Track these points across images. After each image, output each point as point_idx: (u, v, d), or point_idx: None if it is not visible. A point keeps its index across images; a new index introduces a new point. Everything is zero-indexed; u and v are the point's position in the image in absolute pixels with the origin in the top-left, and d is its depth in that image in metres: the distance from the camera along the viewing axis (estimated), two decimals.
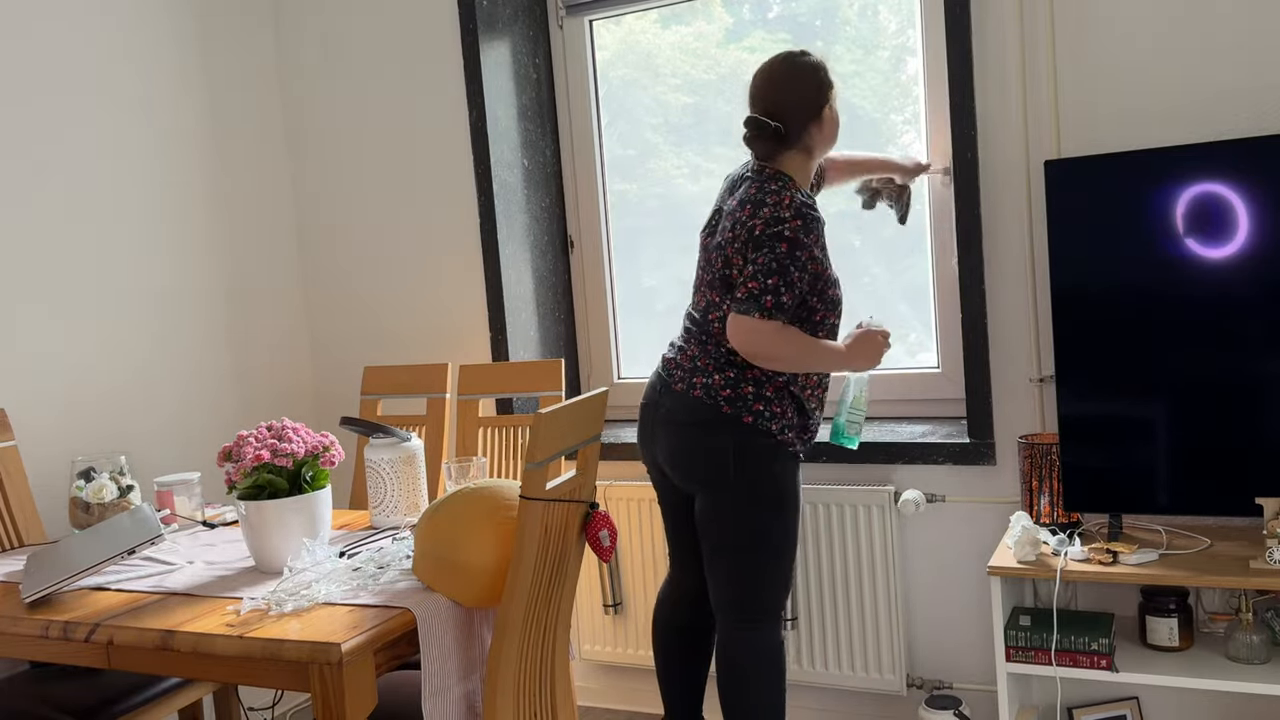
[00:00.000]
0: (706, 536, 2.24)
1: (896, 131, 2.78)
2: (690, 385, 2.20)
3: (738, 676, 2.24)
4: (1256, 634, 2.13)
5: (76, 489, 2.32)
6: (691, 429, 2.20)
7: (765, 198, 2.14)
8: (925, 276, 2.77)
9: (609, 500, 2.92)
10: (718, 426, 2.17)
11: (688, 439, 2.20)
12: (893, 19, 2.76)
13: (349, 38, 3.21)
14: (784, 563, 2.23)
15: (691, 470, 2.22)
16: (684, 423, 2.21)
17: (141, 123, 2.87)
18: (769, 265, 2.09)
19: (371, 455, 2.18)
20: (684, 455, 2.22)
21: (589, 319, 3.19)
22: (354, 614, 1.68)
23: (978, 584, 2.62)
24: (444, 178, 3.12)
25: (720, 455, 2.16)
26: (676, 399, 2.22)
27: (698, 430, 2.19)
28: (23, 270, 2.57)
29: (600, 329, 3.18)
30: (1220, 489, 2.18)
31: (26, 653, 1.86)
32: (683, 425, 2.21)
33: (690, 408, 2.20)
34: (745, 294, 2.10)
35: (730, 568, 2.22)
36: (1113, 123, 2.37)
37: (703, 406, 2.18)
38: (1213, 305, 2.14)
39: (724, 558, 2.22)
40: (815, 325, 2.20)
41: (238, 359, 3.14)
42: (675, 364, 2.26)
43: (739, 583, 2.23)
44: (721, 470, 2.17)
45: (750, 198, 2.17)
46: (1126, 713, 2.44)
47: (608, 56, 3.09)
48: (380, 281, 3.26)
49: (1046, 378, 2.49)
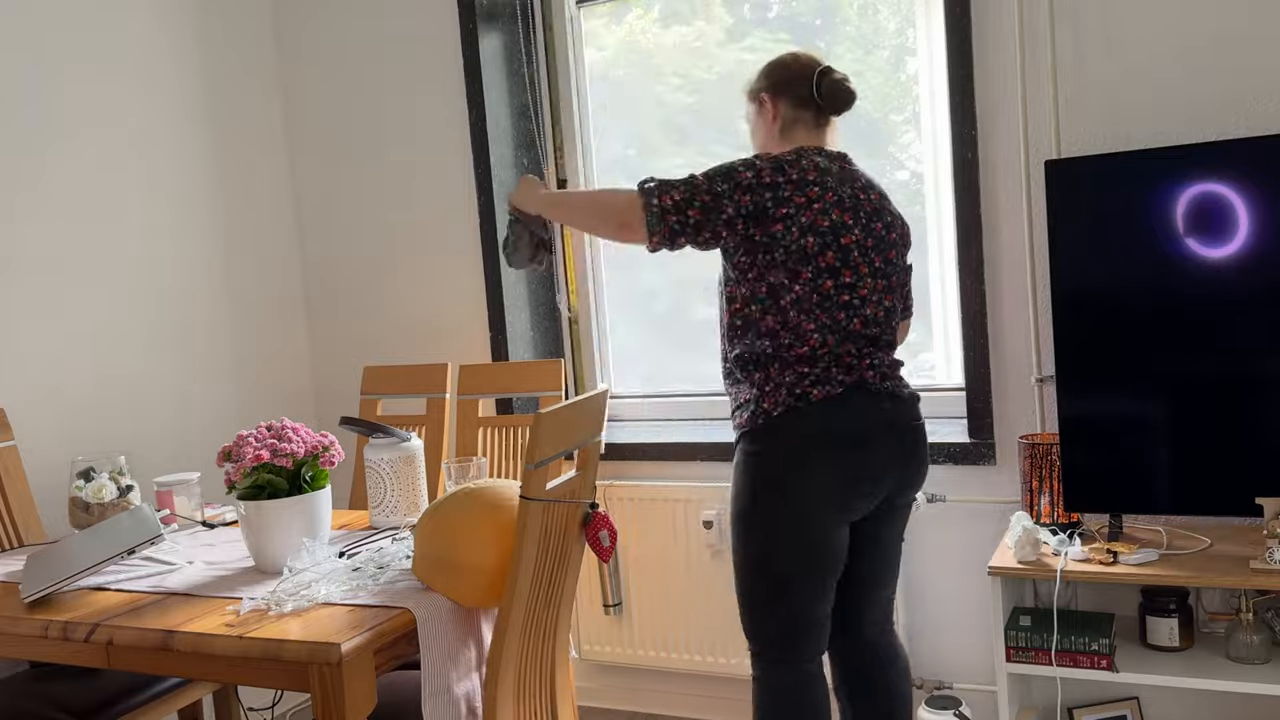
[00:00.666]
0: (896, 553, 2.14)
1: (896, 131, 2.78)
2: (908, 387, 2.06)
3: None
4: (1257, 634, 2.13)
5: (76, 489, 2.32)
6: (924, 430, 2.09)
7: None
8: (925, 276, 2.77)
9: (609, 500, 2.92)
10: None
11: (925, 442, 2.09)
12: (893, 18, 2.76)
13: (349, 38, 3.21)
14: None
15: (921, 476, 2.10)
16: (923, 426, 2.08)
17: (141, 123, 2.87)
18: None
19: (371, 455, 2.18)
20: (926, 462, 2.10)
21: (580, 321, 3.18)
22: (354, 614, 1.68)
23: (978, 584, 2.62)
24: (444, 177, 3.12)
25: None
26: (914, 405, 2.05)
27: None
28: (23, 270, 2.57)
29: (592, 332, 3.18)
30: (1220, 489, 2.18)
31: (26, 653, 1.86)
32: (923, 428, 2.08)
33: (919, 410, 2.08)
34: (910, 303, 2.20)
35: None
36: (1113, 123, 2.37)
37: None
38: (1213, 305, 2.14)
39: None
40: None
41: (238, 359, 3.14)
42: (890, 370, 2.03)
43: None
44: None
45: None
46: (1126, 713, 2.44)
47: (608, 56, 3.09)
48: (380, 281, 3.26)
49: (1046, 378, 2.49)
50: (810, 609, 1.99)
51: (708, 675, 2.93)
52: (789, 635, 1.99)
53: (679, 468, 2.91)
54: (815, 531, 1.94)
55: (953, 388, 2.75)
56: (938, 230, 2.74)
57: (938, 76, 2.69)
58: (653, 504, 2.86)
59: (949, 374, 2.78)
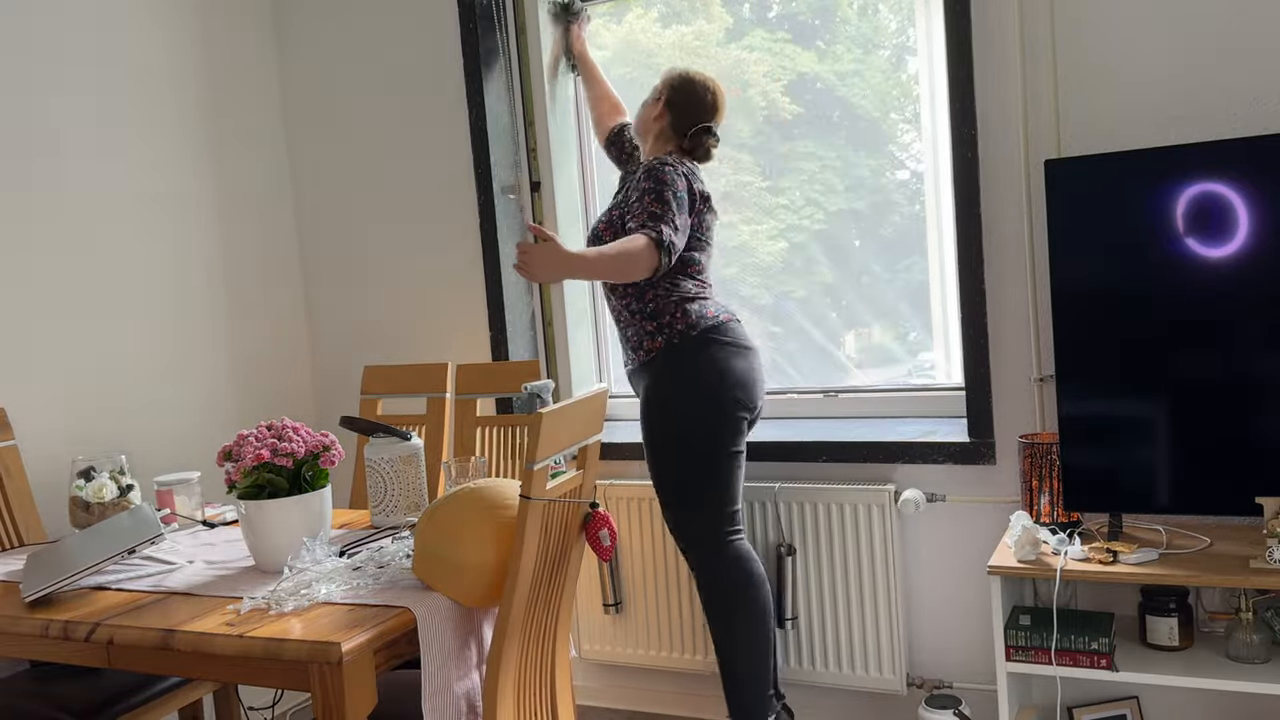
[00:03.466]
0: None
1: (896, 131, 2.78)
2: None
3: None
4: (1256, 633, 2.13)
5: (76, 488, 2.32)
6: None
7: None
8: (925, 276, 2.77)
9: (609, 500, 2.92)
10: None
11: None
12: (893, 18, 2.76)
13: (349, 38, 3.21)
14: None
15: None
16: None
17: (140, 122, 2.87)
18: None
19: (371, 455, 2.18)
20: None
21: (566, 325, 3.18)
22: (354, 613, 1.68)
23: (978, 583, 2.62)
24: (444, 177, 3.12)
25: None
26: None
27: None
28: (23, 270, 2.57)
29: (587, 333, 3.18)
30: (1220, 488, 2.18)
31: (26, 652, 1.86)
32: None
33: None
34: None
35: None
36: (1113, 122, 2.37)
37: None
38: (1213, 305, 2.14)
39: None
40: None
41: (238, 359, 3.14)
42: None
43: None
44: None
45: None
46: (1126, 712, 2.44)
47: (608, 55, 3.09)
48: (380, 281, 3.26)
49: (1046, 377, 2.49)
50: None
51: (708, 675, 2.93)
52: (735, 513, 2.46)
53: None
54: (738, 421, 2.44)
55: (953, 387, 2.75)
56: (938, 230, 2.74)
57: (938, 76, 2.69)
58: (652, 504, 2.86)
59: (949, 373, 2.78)
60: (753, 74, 2.91)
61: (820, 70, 2.85)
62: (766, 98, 2.91)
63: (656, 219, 2.34)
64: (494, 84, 3.04)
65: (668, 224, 2.34)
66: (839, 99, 2.84)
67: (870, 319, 2.87)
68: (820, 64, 2.85)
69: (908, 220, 2.78)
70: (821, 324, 2.92)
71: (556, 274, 2.25)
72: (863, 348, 2.90)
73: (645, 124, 2.60)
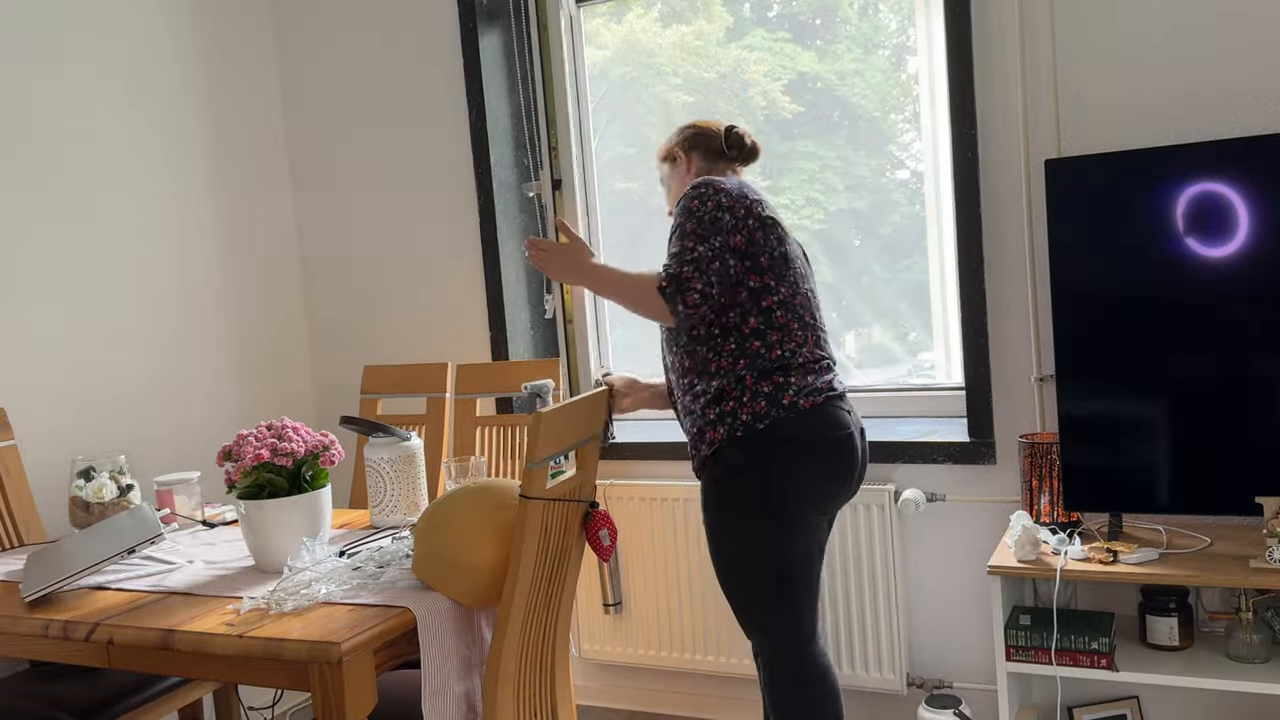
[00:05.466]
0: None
1: (896, 131, 2.78)
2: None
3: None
4: (1256, 633, 2.13)
5: (76, 488, 2.32)
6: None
7: None
8: (925, 276, 2.77)
9: (609, 500, 2.92)
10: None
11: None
12: (893, 18, 2.76)
13: (349, 37, 3.21)
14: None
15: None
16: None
17: (141, 122, 2.87)
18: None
19: (371, 454, 2.18)
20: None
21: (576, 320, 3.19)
22: (354, 613, 1.68)
23: (978, 583, 2.62)
24: (444, 177, 3.12)
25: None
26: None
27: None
28: (23, 270, 2.57)
29: (588, 332, 3.18)
30: (1220, 488, 2.18)
31: (26, 652, 1.86)
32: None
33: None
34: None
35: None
36: (1113, 122, 2.37)
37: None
38: (1213, 304, 2.14)
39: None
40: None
41: (238, 359, 3.14)
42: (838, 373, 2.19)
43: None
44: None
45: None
46: (1126, 712, 2.44)
47: (609, 55, 3.09)
48: (380, 281, 3.26)
49: (1046, 377, 2.49)
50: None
51: (708, 675, 2.93)
52: (805, 617, 2.11)
53: (679, 467, 2.91)
54: (807, 530, 2.07)
55: (953, 387, 2.75)
56: (938, 230, 2.74)
57: (938, 76, 2.69)
58: (653, 503, 2.86)
59: (949, 373, 2.78)
60: (753, 74, 2.91)
61: (820, 70, 2.85)
62: (766, 97, 2.91)
63: (675, 257, 2.04)
64: (494, 83, 3.04)
65: (681, 261, 2.03)
66: (839, 99, 2.84)
67: (870, 319, 2.87)
68: (820, 64, 2.85)
69: (908, 220, 2.78)
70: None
71: (570, 278, 2.18)
72: (863, 347, 2.90)
73: (681, 188, 2.30)
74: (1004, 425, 2.54)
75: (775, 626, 2.09)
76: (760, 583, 2.07)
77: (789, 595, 2.07)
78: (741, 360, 2.05)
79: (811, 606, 2.11)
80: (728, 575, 2.11)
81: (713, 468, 2.07)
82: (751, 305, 2.06)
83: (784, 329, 2.07)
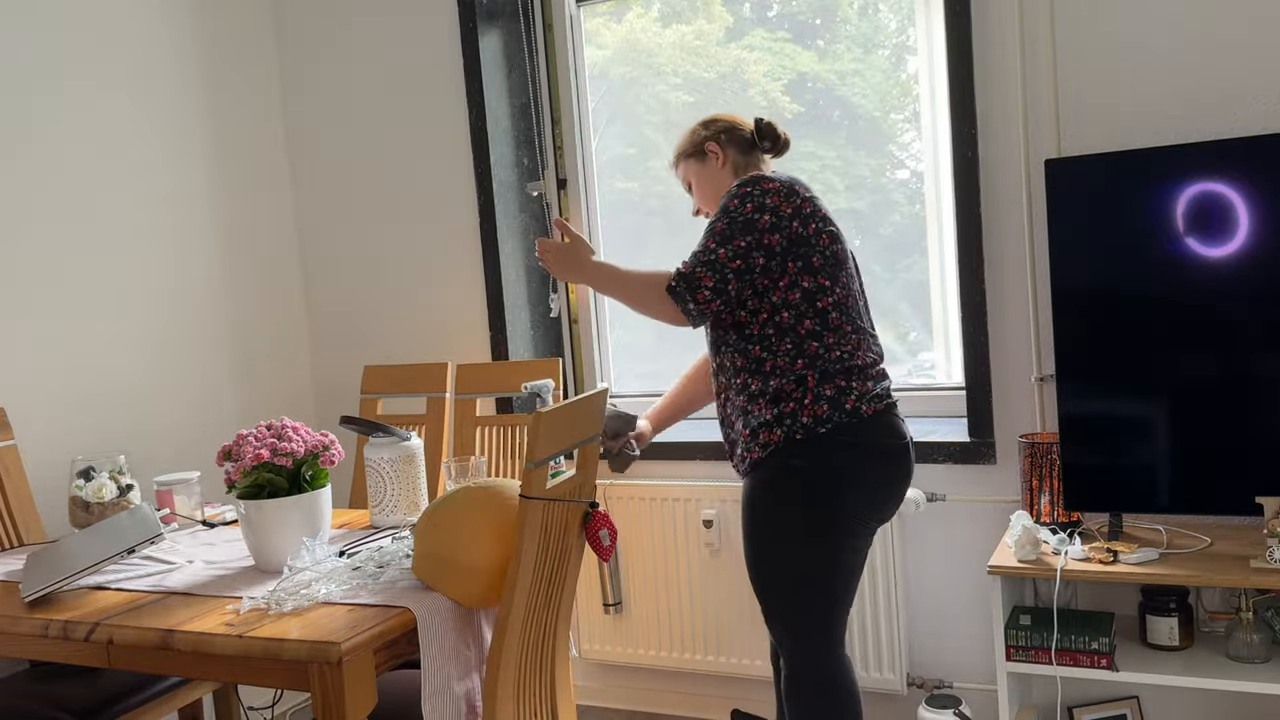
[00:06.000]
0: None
1: (896, 130, 2.78)
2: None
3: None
4: (1257, 633, 2.13)
5: (76, 488, 2.32)
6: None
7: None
8: (925, 276, 2.77)
9: (609, 500, 2.92)
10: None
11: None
12: (893, 17, 2.76)
13: (349, 37, 3.21)
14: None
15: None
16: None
17: (142, 123, 2.87)
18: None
19: (371, 454, 2.18)
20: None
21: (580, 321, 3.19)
22: (354, 613, 1.68)
23: (978, 583, 2.62)
24: (444, 177, 3.12)
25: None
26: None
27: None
28: (23, 270, 2.57)
29: (592, 331, 3.18)
30: (1220, 488, 2.18)
31: (26, 652, 1.86)
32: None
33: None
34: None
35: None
36: (1113, 122, 2.37)
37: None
38: (1213, 304, 2.14)
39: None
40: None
41: (238, 359, 3.14)
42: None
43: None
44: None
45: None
46: (1126, 712, 2.44)
47: (609, 55, 3.09)
48: (380, 281, 3.26)
49: (1046, 377, 2.49)
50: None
51: (708, 675, 2.93)
52: (839, 624, 2.07)
53: (679, 467, 2.91)
54: (860, 540, 2.05)
55: (953, 387, 2.75)
56: (938, 230, 2.74)
57: (938, 76, 2.69)
58: (653, 503, 2.86)
59: (949, 373, 2.78)
60: (753, 73, 2.91)
61: (820, 70, 2.85)
62: (767, 97, 2.91)
63: (695, 257, 2.03)
64: (494, 83, 3.04)
65: (697, 262, 2.01)
66: (839, 98, 2.84)
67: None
68: (820, 63, 2.85)
69: (908, 220, 2.78)
70: None
71: (573, 277, 2.18)
72: None
73: (720, 185, 2.23)
74: (1004, 425, 2.54)
75: (808, 634, 2.05)
76: (802, 589, 2.03)
77: (829, 605, 2.04)
78: (800, 360, 2.02)
79: (845, 616, 2.08)
80: (770, 579, 2.06)
81: (766, 469, 2.04)
82: (806, 306, 2.03)
83: (838, 330, 2.04)
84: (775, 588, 2.06)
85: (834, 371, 2.02)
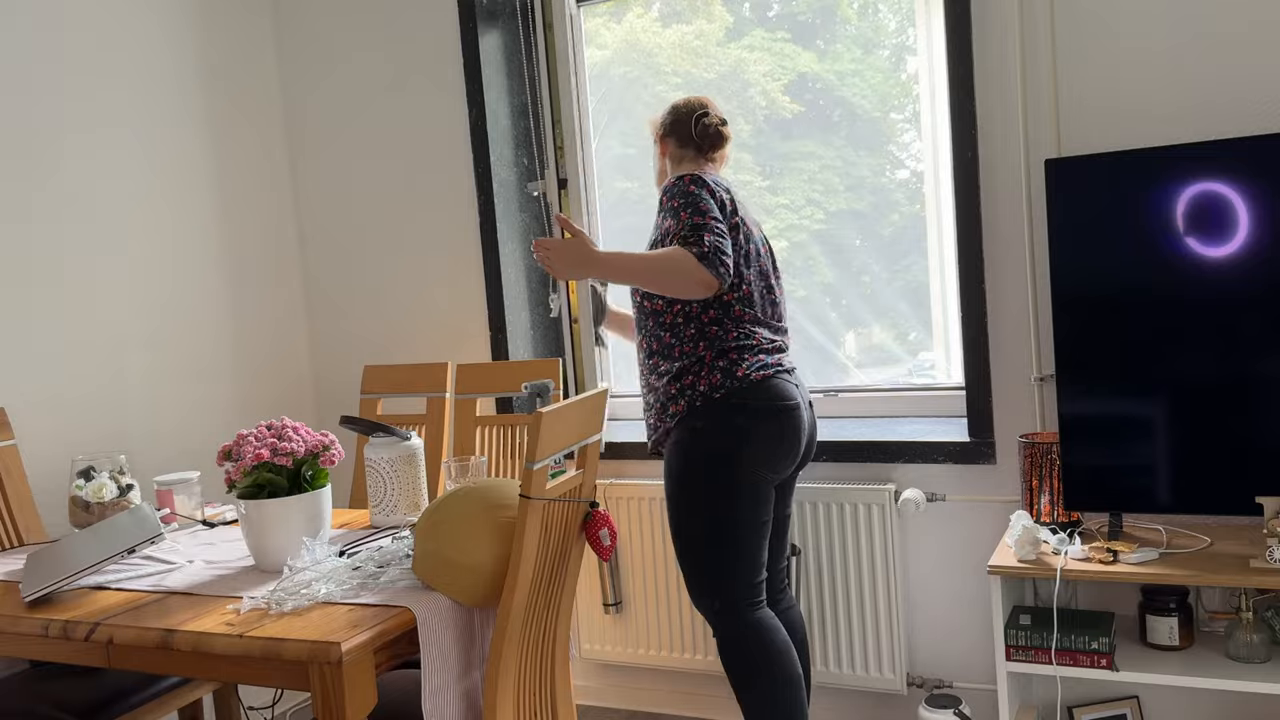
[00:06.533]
0: (786, 528, 2.47)
1: (896, 131, 2.78)
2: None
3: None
4: (1257, 633, 2.13)
5: (76, 488, 2.32)
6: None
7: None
8: (925, 276, 2.77)
9: (609, 500, 2.92)
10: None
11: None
12: (893, 18, 2.76)
13: (349, 37, 3.21)
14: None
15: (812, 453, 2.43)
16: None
17: (141, 123, 2.87)
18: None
19: (371, 454, 2.18)
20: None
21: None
22: (354, 613, 1.68)
23: (978, 583, 2.62)
24: (444, 177, 3.12)
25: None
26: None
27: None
28: (23, 270, 2.57)
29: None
30: (1220, 488, 2.18)
31: (26, 652, 1.86)
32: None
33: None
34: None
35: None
36: (1113, 122, 2.37)
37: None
38: (1213, 304, 2.14)
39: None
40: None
41: (238, 359, 3.14)
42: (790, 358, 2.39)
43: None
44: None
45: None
46: (1126, 712, 2.44)
47: (609, 55, 3.09)
48: (380, 281, 3.26)
49: (1046, 377, 2.49)
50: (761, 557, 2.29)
51: (708, 675, 2.93)
52: (751, 582, 2.25)
53: None
54: (761, 494, 2.23)
55: (953, 387, 2.75)
56: (938, 230, 2.74)
57: (938, 76, 2.69)
58: (653, 503, 2.86)
59: (949, 373, 2.78)
60: (753, 74, 2.91)
61: (820, 70, 2.85)
62: (766, 97, 2.91)
63: (699, 230, 2.12)
64: (494, 83, 3.04)
65: (712, 233, 2.12)
66: (839, 99, 2.84)
67: (870, 319, 2.87)
68: (820, 64, 2.85)
69: (908, 220, 2.78)
70: (822, 324, 2.92)
71: (580, 272, 2.20)
72: (863, 347, 2.90)
73: (660, 173, 2.46)
74: (1004, 425, 2.54)
75: (716, 589, 2.22)
76: (708, 540, 2.20)
77: (735, 558, 2.21)
78: (701, 343, 2.23)
79: (756, 573, 2.24)
80: (681, 536, 2.24)
81: (673, 436, 2.24)
82: (712, 297, 2.22)
83: (738, 320, 2.24)
84: (686, 545, 2.23)
85: (729, 349, 2.22)
